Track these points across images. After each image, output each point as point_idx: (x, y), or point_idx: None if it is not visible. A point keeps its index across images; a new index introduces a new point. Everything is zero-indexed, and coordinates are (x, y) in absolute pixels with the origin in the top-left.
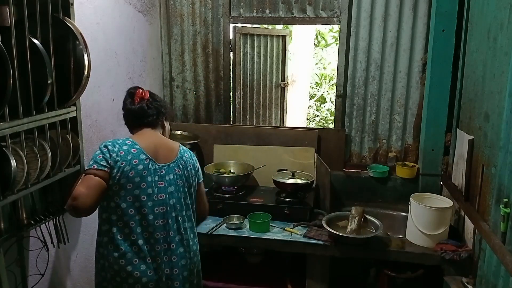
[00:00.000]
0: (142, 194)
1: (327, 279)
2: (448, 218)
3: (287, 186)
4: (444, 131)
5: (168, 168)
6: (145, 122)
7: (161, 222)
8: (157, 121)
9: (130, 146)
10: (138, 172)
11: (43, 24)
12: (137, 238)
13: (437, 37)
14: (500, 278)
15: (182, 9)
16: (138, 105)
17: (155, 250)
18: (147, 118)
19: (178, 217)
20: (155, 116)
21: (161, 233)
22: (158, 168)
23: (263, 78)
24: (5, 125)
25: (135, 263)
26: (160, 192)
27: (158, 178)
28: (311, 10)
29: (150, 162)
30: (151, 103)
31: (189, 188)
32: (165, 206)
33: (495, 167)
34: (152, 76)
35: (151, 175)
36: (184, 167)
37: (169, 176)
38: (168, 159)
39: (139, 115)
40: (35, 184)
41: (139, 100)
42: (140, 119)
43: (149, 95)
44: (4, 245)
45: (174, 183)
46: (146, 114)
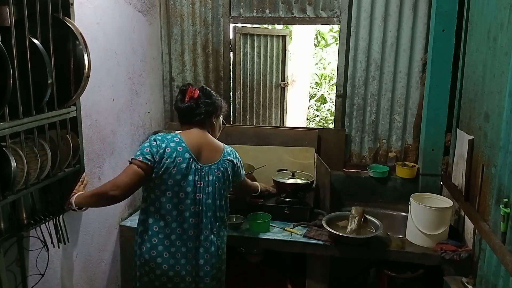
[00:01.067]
0: (181, 192)
1: (327, 279)
2: (448, 218)
3: (287, 186)
4: (444, 131)
5: (209, 169)
6: (192, 121)
7: (196, 220)
8: (205, 120)
9: (177, 144)
10: (181, 170)
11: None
12: (171, 233)
13: (437, 37)
14: (500, 278)
15: (182, 9)
16: (186, 104)
17: (187, 246)
18: (195, 117)
19: (212, 217)
20: (203, 116)
21: (195, 231)
22: (199, 168)
23: (263, 78)
24: (5, 125)
25: (165, 256)
26: (198, 191)
27: (198, 178)
28: (311, 10)
29: (193, 161)
30: (201, 102)
31: (225, 190)
32: (202, 205)
33: (495, 167)
34: (152, 76)
35: (192, 174)
36: (225, 170)
37: (209, 177)
38: (210, 160)
39: (187, 114)
40: (35, 184)
41: (188, 98)
42: (188, 118)
43: (200, 93)
44: (4, 245)
45: (213, 185)
46: (194, 113)
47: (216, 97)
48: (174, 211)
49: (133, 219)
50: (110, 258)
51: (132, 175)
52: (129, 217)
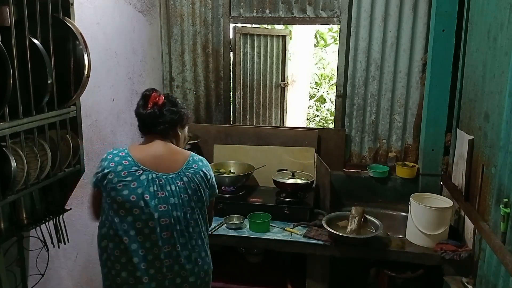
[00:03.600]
0: (134, 208)
1: (327, 279)
2: (448, 218)
3: (287, 186)
4: (444, 131)
5: (167, 179)
6: (154, 130)
7: (165, 235)
8: (169, 130)
9: (122, 158)
10: (127, 184)
11: (43, 24)
12: (132, 256)
13: (437, 37)
14: (500, 278)
15: (182, 9)
16: (149, 111)
17: (155, 266)
18: (157, 126)
19: (184, 231)
20: (167, 125)
21: (165, 247)
22: (156, 177)
23: (263, 78)
24: (5, 125)
25: (131, 283)
26: (160, 203)
27: (157, 187)
28: (311, 10)
29: (145, 172)
30: (166, 110)
31: (197, 202)
32: (168, 218)
33: (495, 167)
34: (152, 76)
35: (144, 186)
36: (191, 179)
37: (170, 186)
38: (170, 169)
39: (148, 122)
40: (35, 184)
41: (152, 105)
42: (149, 126)
43: (165, 100)
44: (4, 245)
45: (177, 195)
46: (157, 122)
47: (182, 106)
48: (131, 231)
49: None
50: None
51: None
52: None
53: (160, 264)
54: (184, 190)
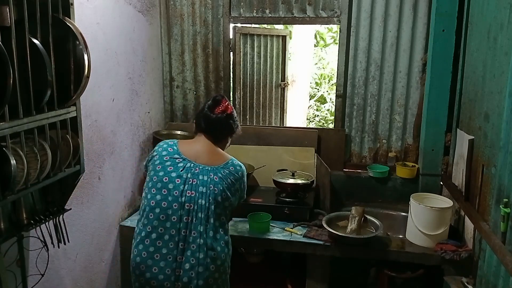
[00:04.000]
0: (163, 188)
1: (327, 279)
2: (448, 218)
3: (287, 186)
4: (444, 131)
5: (203, 169)
6: (211, 133)
7: (186, 219)
8: (222, 136)
9: (169, 146)
10: (165, 167)
11: (43, 24)
12: (151, 231)
13: (437, 37)
14: (500, 278)
15: (182, 9)
16: (218, 116)
17: (168, 247)
18: (217, 131)
19: (205, 221)
20: (224, 132)
21: (183, 231)
22: (192, 166)
23: (263, 78)
24: (5, 125)
25: (143, 256)
26: (190, 188)
27: (191, 175)
28: (311, 10)
29: (184, 161)
30: (231, 120)
31: (224, 200)
32: (193, 204)
33: (495, 167)
34: (152, 76)
35: (178, 171)
36: (224, 178)
37: (203, 176)
38: (208, 162)
39: (212, 125)
40: (35, 184)
41: (221, 111)
42: (209, 128)
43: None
44: (4, 245)
45: (207, 185)
46: (219, 127)
47: (237, 119)
48: (157, 208)
49: (133, 219)
50: (110, 258)
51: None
52: (129, 217)
53: (174, 245)
54: (215, 183)
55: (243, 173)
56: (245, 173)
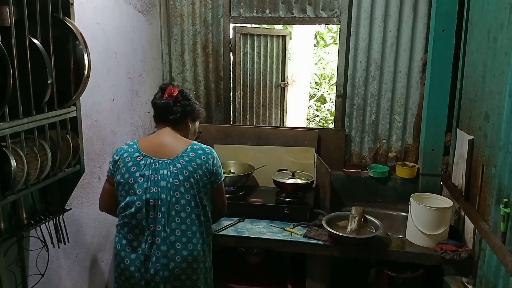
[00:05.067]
0: (130, 189)
1: (327, 279)
2: (448, 218)
3: (287, 186)
4: (444, 131)
5: (162, 163)
6: (167, 119)
7: (151, 215)
8: (180, 120)
9: (129, 146)
10: (128, 168)
11: (43, 24)
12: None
13: (437, 37)
14: (500, 278)
15: (182, 9)
16: (164, 101)
17: (138, 240)
18: (169, 115)
19: (168, 214)
20: (179, 115)
21: (150, 226)
22: (152, 162)
23: (263, 78)
24: (5, 125)
25: (118, 247)
26: (152, 185)
27: (152, 171)
28: (311, 10)
29: (144, 158)
30: (179, 102)
31: (189, 188)
32: (156, 199)
33: (495, 167)
34: (152, 76)
35: (140, 169)
36: (183, 166)
37: (163, 170)
38: (167, 155)
39: (162, 111)
40: (35, 184)
41: (167, 96)
42: (163, 115)
43: (179, 93)
44: (4, 245)
45: (167, 179)
46: (170, 111)
47: (194, 101)
48: (127, 207)
49: None
50: (110, 258)
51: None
52: None
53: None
54: (175, 175)
55: (206, 156)
56: (209, 155)
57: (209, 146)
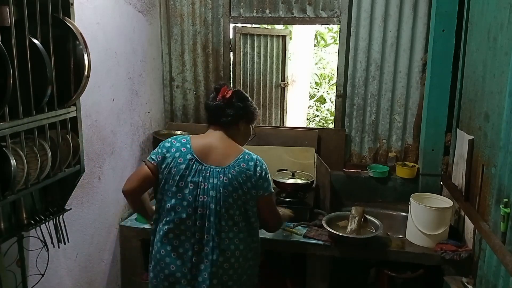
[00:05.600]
0: (179, 193)
1: (327, 279)
2: (448, 218)
3: (287, 186)
4: (444, 131)
5: (213, 171)
6: (218, 122)
7: (199, 223)
8: (231, 123)
9: (182, 144)
10: (179, 170)
11: (43, 24)
12: (168, 232)
13: (437, 37)
14: (500, 278)
15: (182, 9)
16: (216, 103)
17: (184, 247)
18: (221, 118)
19: (217, 224)
20: (230, 118)
21: (197, 234)
22: (203, 169)
23: (263, 78)
24: (5, 125)
25: (162, 253)
26: (202, 193)
27: (202, 179)
28: (311, 10)
29: (196, 162)
30: (233, 104)
31: (237, 200)
32: (205, 208)
33: (495, 167)
34: (152, 76)
35: (191, 175)
36: (235, 177)
37: (213, 179)
38: (218, 163)
39: (214, 113)
40: (35, 184)
41: (220, 97)
42: (214, 117)
43: (234, 94)
44: (4, 245)
45: (216, 189)
46: (221, 114)
47: (250, 103)
48: (172, 212)
49: (133, 219)
50: (110, 258)
51: (138, 171)
52: (129, 217)
53: (189, 246)
54: (225, 185)
55: (257, 168)
56: (259, 166)
57: (260, 157)
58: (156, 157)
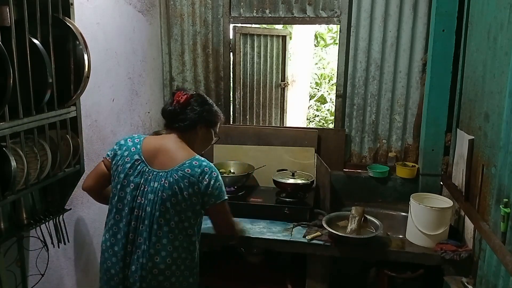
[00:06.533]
0: (121, 190)
1: (327, 279)
2: (448, 218)
3: (287, 186)
4: (444, 131)
5: (156, 175)
6: (173, 126)
7: (133, 224)
8: (188, 127)
9: (133, 144)
10: (124, 169)
11: (43, 24)
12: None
13: (437, 37)
14: (500, 278)
15: (182, 9)
16: (170, 108)
17: (119, 245)
18: (176, 123)
19: (150, 227)
20: (187, 123)
21: (131, 235)
22: (146, 171)
23: (263, 78)
24: (5, 125)
25: (103, 247)
26: (140, 195)
27: (144, 181)
28: (311, 10)
29: (142, 164)
30: (189, 109)
31: (176, 205)
32: (141, 210)
33: (495, 167)
34: (152, 76)
35: (134, 175)
36: (176, 181)
37: (154, 183)
38: (162, 166)
39: (168, 118)
40: (35, 184)
41: (175, 102)
42: (169, 122)
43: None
44: (4, 245)
45: (155, 192)
46: (175, 119)
47: (210, 106)
48: (114, 208)
49: None
50: None
51: (95, 168)
52: None
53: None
54: (164, 189)
55: (203, 175)
56: (206, 175)
57: (211, 165)
58: (110, 153)
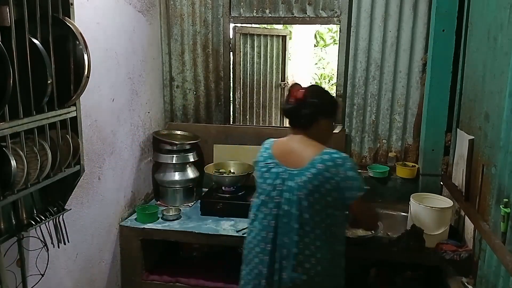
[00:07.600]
0: (262, 194)
1: None
2: (448, 218)
3: None
4: (444, 131)
5: (291, 174)
6: (296, 124)
7: (273, 223)
8: (309, 124)
9: (266, 149)
10: (261, 173)
11: (43, 24)
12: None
13: (437, 37)
14: (500, 278)
15: (182, 9)
16: (289, 106)
17: (260, 247)
18: (298, 120)
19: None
20: (308, 118)
21: (270, 234)
22: (282, 171)
23: (263, 78)
24: (5, 125)
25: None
26: (278, 194)
27: (280, 180)
28: (311, 10)
29: (276, 166)
30: (307, 103)
31: (315, 203)
32: (278, 209)
33: (495, 167)
34: (152, 76)
35: (271, 178)
36: (310, 180)
37: (290, 182)
38: (295, 165)
39: (290, 116)
40: (35, 184)
41: (293, 100)
42: (292, 120)
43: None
44: (4, 245)
45: (291, 191)
46: (296, 116)
47: (326, 96)
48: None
49: (133, 219)
50: (110, 258)
51: None
52: (129, 217)
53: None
54: (300, 188)
55: (337, 168)
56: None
57: (344, 155)
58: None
